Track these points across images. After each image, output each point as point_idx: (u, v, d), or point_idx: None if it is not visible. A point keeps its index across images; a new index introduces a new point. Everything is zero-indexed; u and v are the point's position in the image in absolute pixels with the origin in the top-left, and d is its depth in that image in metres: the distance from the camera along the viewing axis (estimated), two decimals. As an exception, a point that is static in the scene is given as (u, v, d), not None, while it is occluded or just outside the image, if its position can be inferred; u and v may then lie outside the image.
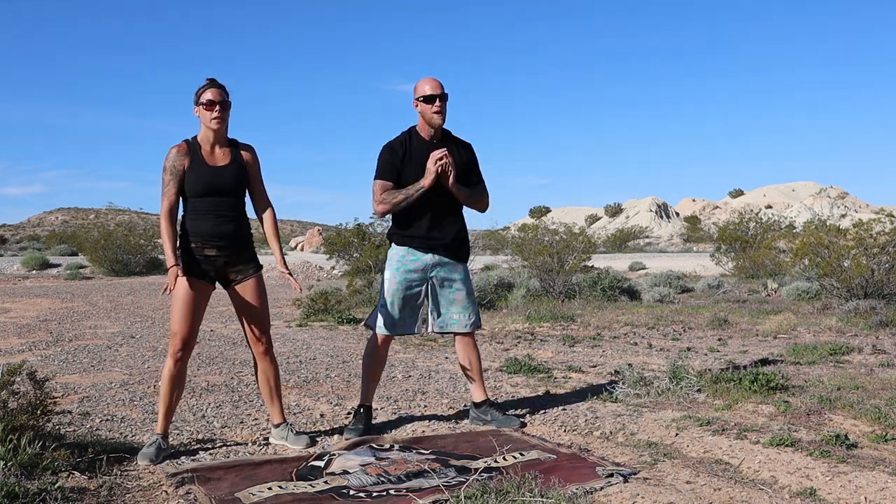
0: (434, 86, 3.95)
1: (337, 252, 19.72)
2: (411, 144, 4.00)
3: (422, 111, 3.98)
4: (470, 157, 4.15)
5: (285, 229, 76.69)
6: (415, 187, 3.91)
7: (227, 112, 3.63)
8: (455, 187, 3.97)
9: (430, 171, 3.89)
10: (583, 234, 14.01)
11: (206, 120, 3.59)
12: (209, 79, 3.65)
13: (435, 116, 3.96)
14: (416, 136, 4.03)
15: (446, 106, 3.98)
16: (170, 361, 3.56)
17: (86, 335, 8.39)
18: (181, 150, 3.59)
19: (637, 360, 6.22)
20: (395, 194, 3.94)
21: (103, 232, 22.40)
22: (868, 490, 2.89)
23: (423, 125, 4.03)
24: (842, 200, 58.97)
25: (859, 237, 10.20)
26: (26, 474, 2.99)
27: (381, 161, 3.99)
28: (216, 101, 3.57)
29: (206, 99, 3.58)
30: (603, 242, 39.98)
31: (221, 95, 3.60)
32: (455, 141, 4.13)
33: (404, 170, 3.96)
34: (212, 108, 3.57)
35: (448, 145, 4.03)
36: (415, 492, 2.95)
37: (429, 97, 3.93)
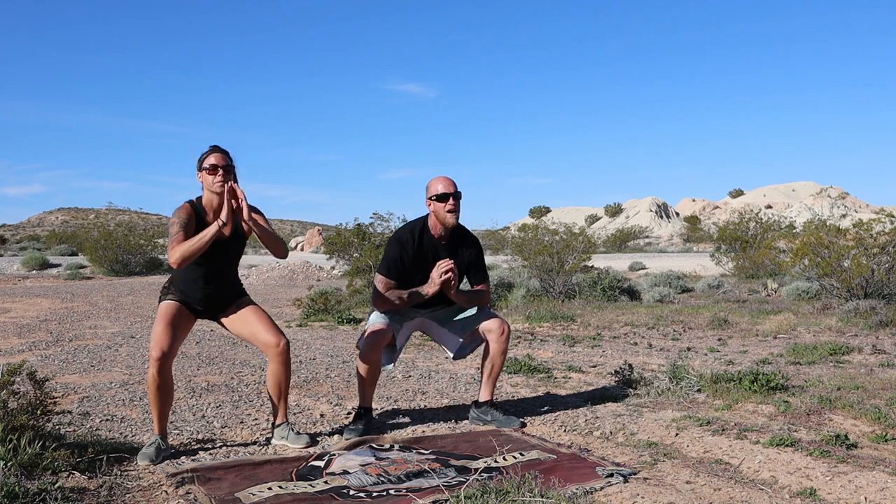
0: (447, 185, 3.95)
1: (337, 252, 19.71)
2: (422, 244, 4.01)
3: (435, 210, 3.98)
4: (476, 254, 4.16)
5: (285, 229, 76.68)
6: (417, 292, 3.96)
7: (229, 176, 3.65)
8: (456, 296, 4.02)
9: (434, 282, 3.93)
10: (583, 234, 14.00)
11: (209, 184, 3.63)
12: (212, 146, 3.70)
13: (448, 216, 3.96)
14: (426, 234, 4.03)
15: (460, 204, 3.99)
16: (152, 370, 3.56)
17: (86, 335, 8.39)
18: (188, 211, 3.63)
19: (637, 360, 6.22)
20: (398, 296, 3.97)
21: (103, 232, 22.41)
22: (868, 490, 2.89)
23: (434, 223, 4.03)
24: (842, 200, 58.96)
25: (859, 237, 10.20)
26: (26, 474, 2.99)
27: (389, 258, 4.00)
28: (219, 166, 3.61)
29: (209, 164, 3.62)
30: (603, 242, 40.00)
31: (224, 160, 3.64)
32: (463, 240, 4.13)
33: (410, 268, 4.00)
34: (214, 173, 3.61)
35: (456, 247, 4.07)
36: (415, 492, 2.95)
37: (442, 196, 3.94)
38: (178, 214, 3.60)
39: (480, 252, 4.20)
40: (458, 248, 4.07)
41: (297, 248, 40.48)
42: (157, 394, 3.55)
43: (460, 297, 4.06)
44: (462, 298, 4.07)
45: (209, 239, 3.49)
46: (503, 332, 4.08)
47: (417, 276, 3.98)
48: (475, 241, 4.19)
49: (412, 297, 3.96)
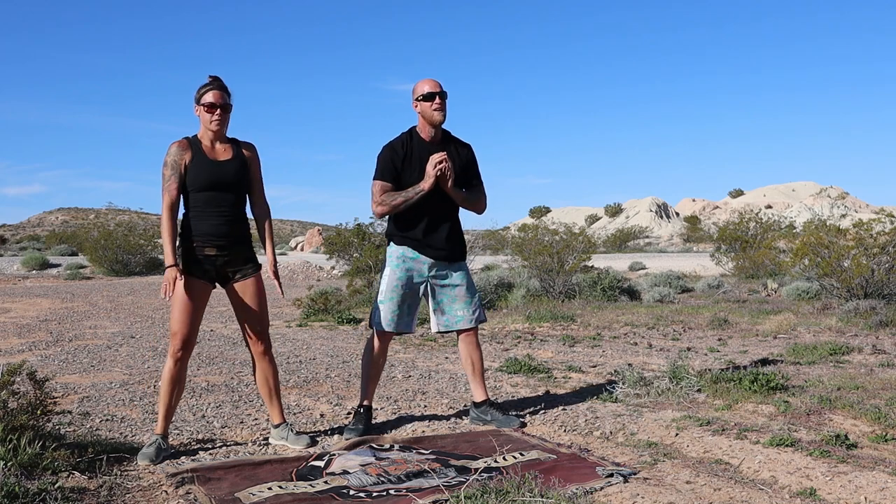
0: (433, 84, 3.97)
1: (337, 252, 19.73)
2: (412, 145, 4.01)
3: (422, 110, 3.99)
4: (469, 157, 4.16)
5: (285, 229, 76.69)
6: (414, 190, 3.93)
7: (227, 115, 3.62)
8: (453, 191, 3.99)
9: (429, 175, 3.91)
10: (583, 234, 14.00)
11: (206, 122, 3.59)
12: (212, 77, 3.64)
13: (435, 114, 3.97)
14: (416, 137, 4.04)
15: (446, 103, 4.00)
16: (170, 361, 3.56)
17: (86, 335, 8.39)
18: (182, 145, 3.58)
19: (637, 360, 6.22)
20: (395, 196, 3.95)
21: (103, 232, 22.41)
22: (868, 490, 2.89)
23: (423, 125, 4.03)
24: (842, 200, 58.95)
25: (859, 237, 10.20)
26: (26, 474, 2.98)
27: (381, 162, 4.00)
28: (217, 105, 3.57)
29: (207, 101, 3.57)
30: (603, 242, 39.99)
31: (223, 98, 3.60)
32: (454, 142, 4.14)
33: (404, 171, 3.97)
34: (212, 112, 3.57)
35: (448, 146, 4.05)
36: (415, 492, 2.95)
37: (428, 95, 3.95)
38: (171, 153, 3.54)
39: (474, 155, 4.20)
40: (451, 149, 4.06)
41: (297, 248, 40.48)
42: (171, 387, 3.55)
43: (457, 194, 4.03)
44: (459, 196, 4.05)
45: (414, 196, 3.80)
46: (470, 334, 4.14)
47: (411, 179, 3.96)
48: (467, 144, 4.19)
49: (409, 195, 3.92)
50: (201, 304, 3.61)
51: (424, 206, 3.97)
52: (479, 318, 4.17)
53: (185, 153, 3.56)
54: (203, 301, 3.63)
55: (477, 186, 4.18)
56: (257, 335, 3.72)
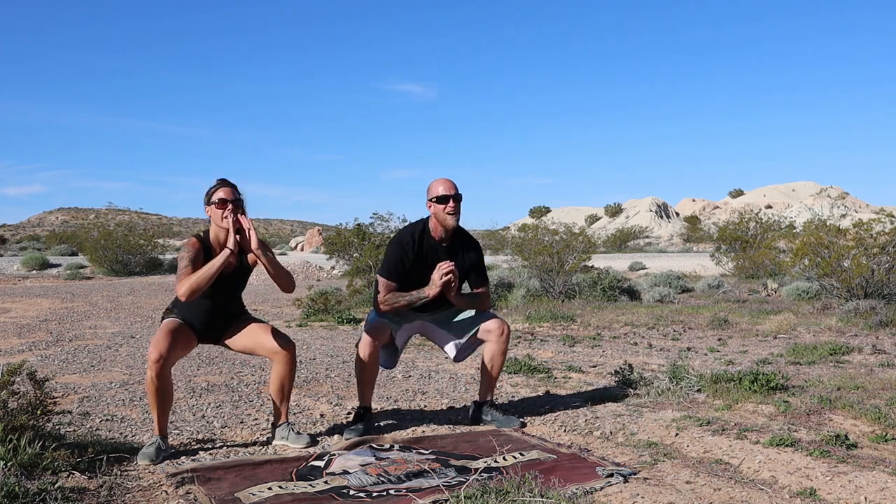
0: (448, 187, 3.96)
1: (337, 252, 19.72)
2: (422, 246, 4.01)
3: (435, 212, 3.99)
4: (476, 258, 4.16)
5: (285, 229, 76.71)
6: (419, 294, 3.95)
7: (238, 210, 3.65)
8: (456, 299, 4.02)
9: (435, 284, 3.91)
10: (583, 234, 14.00)
11: (218, 219, 3.64)
12: (220, 179, 3.71)
13: (448, 218, 3.96)
14: (427, 237, 4.04)
15: (460, 206, 3.99)
16: (150, 372, 3.54)
17: (86, 335, 8.39)
18: (196, 246, 3.63)
19: (637, 360, 6.22)
20: (399, 299, 3.97)
21: (103, 232, 22.40)
22: (868, 490, 2.89)
23: (435, 225, 4.03)
24: (842, 200, 58.95)
25: (859, 237, 10.20)
26: (26, 474, 2.98)
27: (390, 260, 4.01)
28: (228, 200, 3.61)
29: (218, 198, 3.62)
30: (603, 242, 39.99)
31: (233, 194, 3.65)
32: (463, 243, 4.13)
33: (411, 270, 4.00)
34: (224, 207, 3.61)
35: (456, 249, 4.07)
36: (415, 492, 2.95)
37: (442, 198, 3.94)
38: (187, 249, 3.60)
39: (481, 255, 4.20)
40: (459, 251, 4.07)
41: (297, 248, 40.47)
42: (156, 396, 3.55)
43: (461, 300, 4.06)
44: (462, 301, 4.07)
45: (218, 268, 3.50)
46: (503, 332, 4.08)
47: (418, 278, 3.98)
48: (475, 245, 4.19)
49: (413, 299, 3.96)
50: (185, 343, 3.66)
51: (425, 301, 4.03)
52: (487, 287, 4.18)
53: (200, 255, 3.63)
54: (187, 343, 3.69)
55: (481, 286, 4.18)
56: (281, 347, 3.73)
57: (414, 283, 3.98)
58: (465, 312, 4.15)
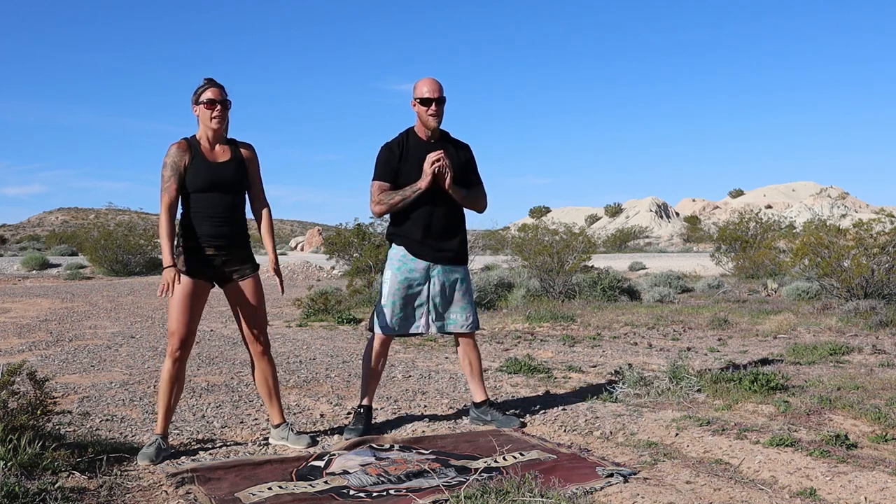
0: (432, 88, 3.95)
1: (337, 252, 19.73)
2: (409, 145, 4.02)
3: (418, 112, 4.00)
4: (468, 157, 4.16)
5: (285, 229, 76.68)
6: (412, 188, 3.93)
7: (227, 111, 3.63)
8: (452, 188, 3.98)
9: (426, 173, 3.91)
10: (583, 234, 14.00)
11: (207, 119, 3.59)
12: (207, 78, 3.65)
13: (431, 119, 3.98)
14: (413, 137, 4.05)
15: (443, 109, 4.00)
16: (168, 361, 3.56)
17: (86, 335, 8.39)
18: (181, 146, 3.58)
19: (637, 360, 6.22)
20: (392, 195, 3.95)
21: (103, 232, 22.41)
22: (868, 490, 2.89)
23: (419, 126, 4.04)
24: (842, 200, 58.95)
25: (859, 237, 10.20)
26: (26, 474, 2.98)
27: (379, 162, 4.01)
28: (217, 101, 3.58)
29: (207, 98, 3.57)
30: (603, 242, 39.99)
31: (222, 94, 3.61)
32: (453, 142, 4.14)
33: (402, 170, 3.98)
34: (212, 108, 3.57)
35: (446, 146, 4.05)
36: (415, 492, 2.95)
37: (425, 100, 3.95)
38: (171, 155, 3.54)
39: (472, 155, 4.20)
40: (448, 147, 4.06)
41: (297, 248, 40.48)
42: (170, 387, 3.55)
43: (457, 192, 4.02)
44: (458, 194, 4.03)
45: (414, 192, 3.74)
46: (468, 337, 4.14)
47: (409, 178, 3.96)
48: (466, 145, 4.19)
49: (407, 193, 3.92)
50: (200, 303, 3.61)
51: (423, 206, 3.97)
52: (472, 325, 4.14)
53: (185, 154, 3.56)
54: (202, 301, 3.63)
55: (477, 185, 4.18)
56: (256, 335, 3.71)
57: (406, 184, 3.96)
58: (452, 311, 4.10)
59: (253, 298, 3.70)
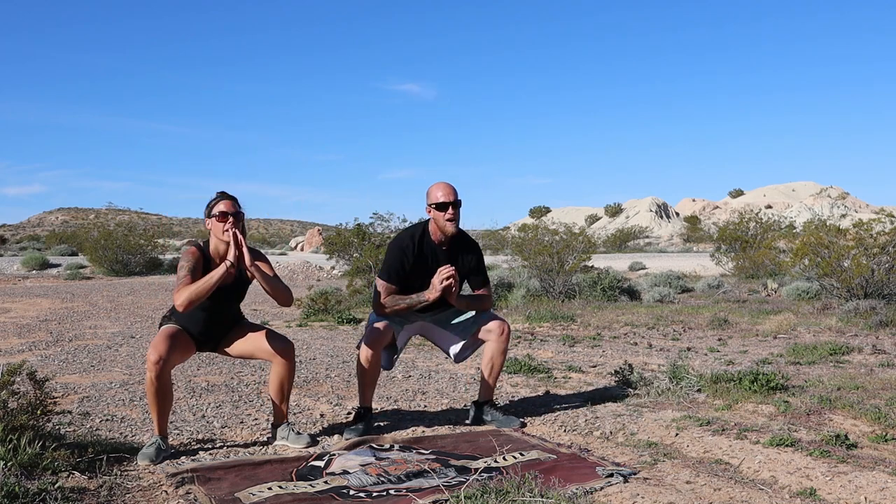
0: (447, 192, 3.94)
1: (337, 252, 19.71)
2: (422, 249, 4.01)
3: (434, 218, 3.98)
4: (476, 260, 4.15)
5: (285, 229, 76.67)
6: (419, 298, 3.95)
7: (239, 223, 3.64)
8: (457, 302, 4.02)
9: (435, 288, 3.91)
10: (583, 234, 14.00)
11: (219, 232, 3.62)
12: (220, 192, 3.70)
13: (448, 225, 3.96)
14: (427, 240, 4.03)
15: (459, 213, 3.98)
16: (150, 373, 3.53)
17: (86, 335, 8.39)
18: (196, 256, 3.63)
19: (637, 360, 6.22)
20: (398, 302, 3.97)
21: (103, 232, 22.39)
22: (868, 490, 2.89)
23: (434, 229, 4.03)
24: (842, 200, 58.94)
25: (859, 237, 10.20)
26: (26, 474, 2.98)
27: (390, 263, 4.00)
28: (229, 213, 3.61)
29: (219, 211, 3.62)
30: (603, 242, 39.99)
31: (234, 207, 3.64)
32: (463, 247, 4.12)
33: (411, 273, 3.99)
34: (224, 220, 3.60)
35: (456, 253, 4.06)
36: (415, 492, 2.95)
37: (441, 205, 3.93)
38: (186, 258, 3.60)
39: (481, 257, 4.20)
40: (459, 254, 4.07)
41: (297, 248, 40.47)
42: (156, 397, 3.55)
43: (461, 302, 4.06)
44: (463, 303, 4.07)
45: (216, 280, 3.48)
46: (503, 331, 4.08)
47: (418, 281, 3.98)
48: (475, 247, 4.19)
49: (413, 302, 3.96)
50: (183, 348, 3.65)
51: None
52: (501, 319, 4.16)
53: (200, 263, 3.62)
54: (186, 349, 3.68)
55: (482, 288, 4.16)
56: (279, 350, 3.73)
57: (413, 286, 3.98)
58: (466, 313, 4.15)
59: (251, 330, 3.80)
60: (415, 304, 3.96)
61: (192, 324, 3.69)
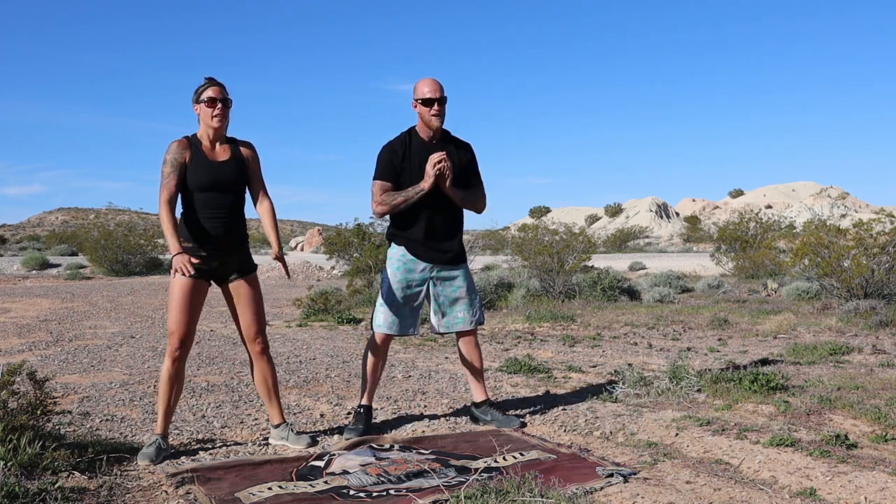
0: (433, 89, 3.95)
1: (337, 252, 19.73)
2: (411, 145, 4.01)
3: (420, 113, 4.00)
4: (469, 157, 4.16)
5: (285, 229, 76.67)
6: (414, 190, 3.93)
7: (228, 109, 3.63)
8: (451, 190, 3.99)
9: (428, 175, 3.90)
10: (583, 234, 13.99)
11: (208, 117, 3.59)
12: (208, 77, 3.66)
13: (433, 119, 3.98)
14: (415, 137, 4.04)
15: (445, 109, 4.00)
16: (168, 361, 3.56)
17: (86, 335, 8.39)
18: (182, 144, 3.59)
19: (637, 360, 6.22)
20: (395, 196, 3.95)
21: (103, 232, 22.38)
22: (868, 490, 2.89)
23: (421, 126, 4.04)
24: (842, 200, 58.95)
25: (859, 237, 10.20)
26: (26, 474, 2.98)
27: (381, 162, 4.01)
28: (218, 99, 3.58)
29: (208, 96, 3.58)
30: (603, 242, 39.99)
31: (223, 93, 3.61)
32: (454, 141, 4.14)
33: (403, 171, 3.98)
34: (213, 106, 3.58)
35: (447, 146, 4.05)
36: (415, 492, 2.95)
37: (427, 100, 3.95)
38: (172, 151, 3.54)
39: (474, 156, 4.20)
40: (451, 149, 4.06)
41: (297, 248, 40.48)
42: (169, 387, 3.55)
43: (456, 193, 4.02)
44: (457, 195, 4.03)
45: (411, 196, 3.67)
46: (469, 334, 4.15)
47: (411, 179, 3.96)
48: (468, 146, 4.19)
49: (409, 195, 3.92)
50: (198, 302, 3.61)
51: (424, 207, 3.97)
52: (478, 320, 4.16)
53: (185, 152, 3.57)
54: (200, 300, 3.62)
55: (476, 186, 4.18)
56: (254, 334, 3.71)
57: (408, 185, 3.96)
58: (457, 309, 4.10)
59: (250, 298, 3.70)
60: (411, 197, 3.93)
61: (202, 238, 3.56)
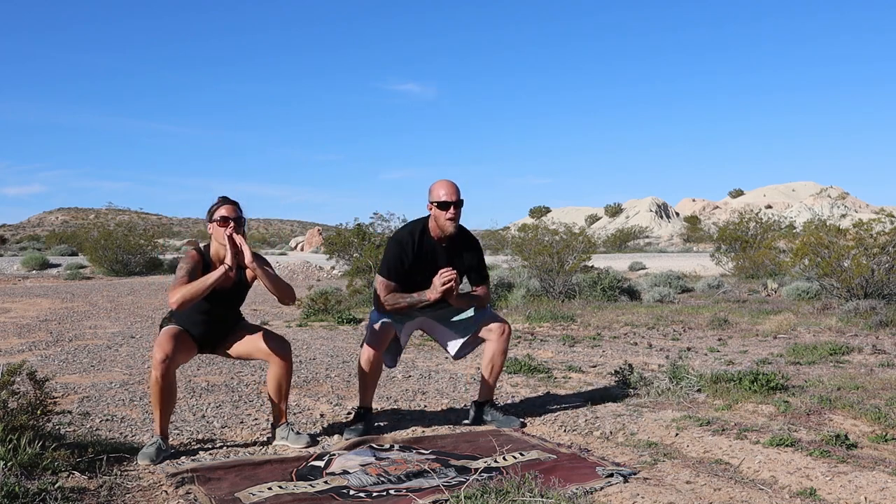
0: (449, 192, 3.92)
1: (337, 252, 19.71)
2: (421, 246, 3.99)
3: (436, 216, 3.97)
4: (476, 258, 4.15)
5: (285, 229, 76.67)
6: (420, 297, 3.95)
7: (240, 228, 3.65)
8: (456, 302, 4.02)
9: (436, 289, 3.91)
10: (583, 234, 14.00)
11: (219, 236, 3.63)
12: (222, 196, 3.72)
13: (448, 224, 3.95)
14: (426, 236, 4.02)
15: (460, 212, 3.97)
16: (155, 372, 3.53)
17: (86, 335, 8.39)
18: (196, 259, 3.64)
19: (637, 360, 6.22)
20: (399, 301, 3.96)
21: (103, 232, 22.38)
22: (868, 490, 2.89)
23: (434, 226, 4.01)
24: (842, 200, 58.94)
25: (859, 237, 10.20)
26: (26, 474, 2.98)
27: (390, 260, 3.99)
28: (230, 218, 3.61)
29: (220, 216, 3.63)
30: (603, 242, 39.99)
31: (235, 212, 3.65)
32: (463, 243, 4.10)
33: (411, 270, 3.98)
34: (226, 225, 3.61)
35: (456, 248, 4.05)
36: (415, 492, 2.95)
37: (443, 203, 3.92)
38: (186, 261, 3.61)
39: (481, 254, 4.20)
40: (459, 251, 4.07)
41: (297, 248, 40.46)
42: (161, 396, 3.55)
43: (461, 300, 4.06)
44: (462, 302, 4.07)
45: (212, 282, 3.48)
46: (503, 332, 4.08)
47: (418, 277, 3.98)
48: (475, 244, 4.18)
49: (414, 301, 3.96)
50: (186, 349, 3.66)
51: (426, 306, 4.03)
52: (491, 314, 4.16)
53: (199, 266, 3.63)
54: (188, 349, 3.69)
55: (481, 286, 4.16)
56: (276, 346, 3.76)
57: (413, 283, 3.98)
58: (467, 311, 4.14)
59: (249, 331, 3.81)
60: (416, 304, 3.96)
61: (192, 326, 3.70)
